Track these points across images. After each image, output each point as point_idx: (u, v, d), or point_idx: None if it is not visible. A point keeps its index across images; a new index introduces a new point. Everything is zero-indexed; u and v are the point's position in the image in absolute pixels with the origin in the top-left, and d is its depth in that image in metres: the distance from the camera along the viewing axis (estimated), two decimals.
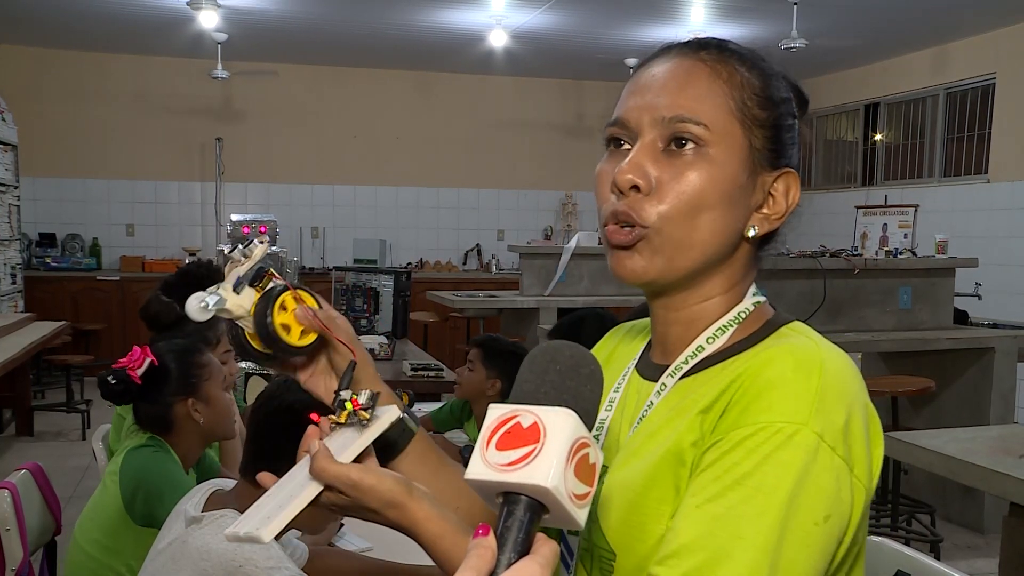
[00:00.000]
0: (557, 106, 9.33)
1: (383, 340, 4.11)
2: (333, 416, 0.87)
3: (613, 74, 8.02)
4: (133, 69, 8.33)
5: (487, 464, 0.62)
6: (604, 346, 1.07)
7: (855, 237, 6.21)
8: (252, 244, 0.89)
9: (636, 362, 0.97)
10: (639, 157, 0.84)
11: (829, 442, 0.74)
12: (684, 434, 0.81)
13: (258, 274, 0.88)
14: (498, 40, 6.97)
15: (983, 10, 6.35)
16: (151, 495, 1.91)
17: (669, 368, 0.89)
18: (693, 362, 0.88)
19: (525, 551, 0.59)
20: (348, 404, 0.86)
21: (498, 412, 0.65)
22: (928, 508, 4.26)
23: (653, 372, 0.92)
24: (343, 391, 0.88)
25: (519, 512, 0.61)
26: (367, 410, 0.87)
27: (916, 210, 5.90)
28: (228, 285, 0.87)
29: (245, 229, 6.55)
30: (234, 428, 2.15)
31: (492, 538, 0.59)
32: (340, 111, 8.82)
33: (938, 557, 3.43)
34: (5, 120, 6.99)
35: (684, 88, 0.85)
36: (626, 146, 0.87)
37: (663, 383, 0.89)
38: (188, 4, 6.24)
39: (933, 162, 7.58)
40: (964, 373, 4.55)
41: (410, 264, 8.88)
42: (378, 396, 0.89)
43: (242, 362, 2.57)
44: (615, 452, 0.90)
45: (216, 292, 0.86)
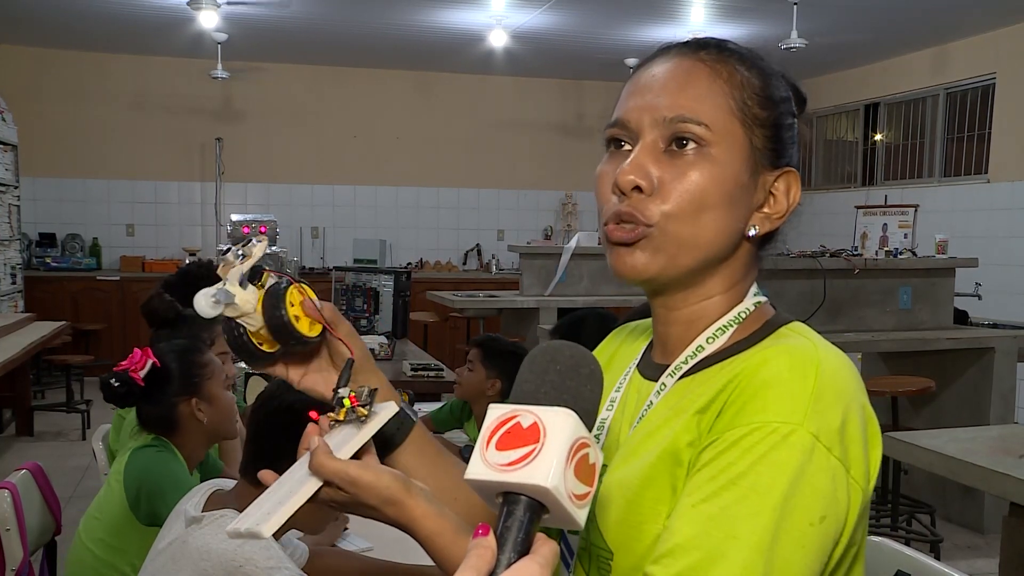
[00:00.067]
0: (557, 106, 9.33)
1: (383, 340, 4.11)
2: (332, 414, 0.87)
3: (613, 74, 8.02)
4: (133, 69, 8.33)
5: (487, 464, 0.62)
6: (607, 347, 1.07)
7: (855, 237, 6.21)
8: (251, 243, 0.88)
9: (638, 362, 0.97)
10: (640, 158, 0.84)
11: (825, 443, 0.74)
12: (681, 434, 0.81)
13: (256, 272, 0.88)
14: (498, 40, 6.97)
15: (983, 10, 6.35)
16: (155, 494, 1.91)
17: (669, 368, 0.89)
18: (693, 362, 0.88)
19: (525, 551, 0.59)
20: (346, 401, 0.87)
21: (498, 412, 0.65)
22: (928, 508, 4.26)
23: (654, 372, 0.92)
24: (341, 388, 0.88)
25: (519, 512, 0.61)
26: (365, 407, 0.87)
27: (916, 210, 5.90)
28: (234, 282, 0.86)
29: (245, 229, 6.55)
30: (236, 427, 2.15)
31: (492, 538, 0.59)
32: (340, 111, 8.82)
33: (938, 557, 3.43)
34: (5, 120, 6.99)
35: (684, 88, 0.85)
36: (627, 147, 0.86)
37: (663, 383, 0.89)
38: (188, 4, 6.23)
39: (933, 162, 7.58)
40: (964, 373, 4.55)
41: (410, 264, 8.88)
42: (376, 392, 0.89)
43: (238, 363, 2.57)
44: (615, 452, 0.90)
45: (224, 288, 0.85)
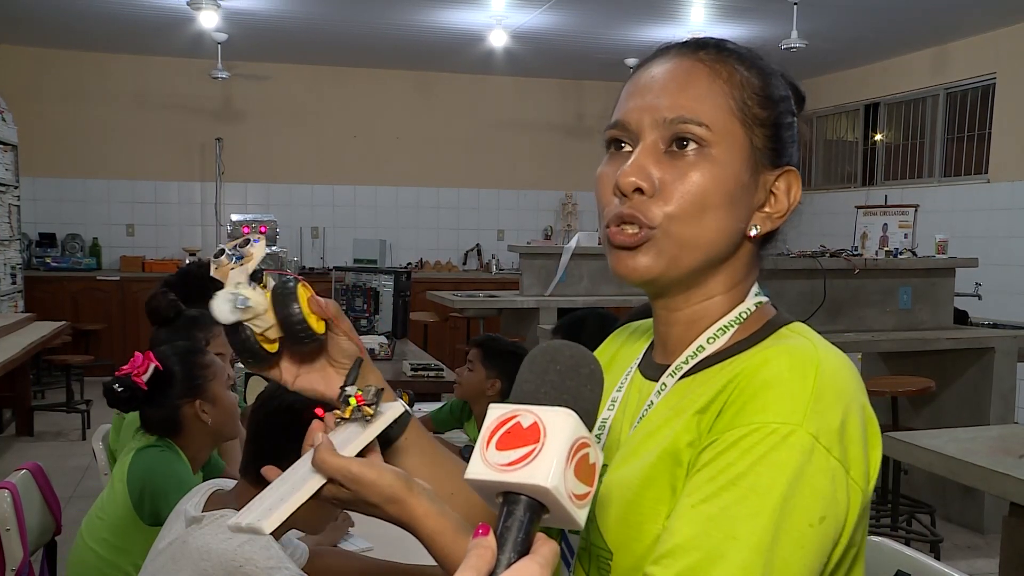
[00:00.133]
0: (557, 106, 9.32)
1: (383, 340, 4.11)
2: (338, 411, 0.87)
3: (613, 74, 8.02)
4: (133, 69, 8.33)
5: (487, 464, 0.62)
6: (608, 347, 1.07)
7: (855, 237, 6.21)
8: (249, 243, 0.87)
9: (639, 362, 0.97)
10: (641, 159, 0.84)
11: (824, 443, 0.74)
12: (681, 434, 0.81)
13: (255, 273, 0.87)
14: (498, 40, 6.97)
15: (983, 10, 6.35)
16: (158, 495, 1.91)
17: (670, 368, 0.89)
18: (693, 362, 0.88)
19: (525, 551, 0.59)
20: (352, 400, 0.86)
21: (498, 412, 0.65)
22: (928, 508, 4.26)
23: (654, 372, 0.92)
24: (348, 387, 0.88)
25: (519, 512, 0.61)
26: (371, 406, 0.87)
27: (916, 210, 5.90)
28: (245, 284, 0.85)
29: (245, 229, 6.55)
30: (239, 427, 2.15)
31: (492, 538, 0.59)
32: (340, 111, 8.82)
33: (938, 557, 3.43)
34: (5, 120, 6.99)
35: (684, 89, 0.84)
36: (627, 148, 0.86)
37: (663, 383, 0.89)
38: (188, 4, 6.24)
39: (933, 162, 7.58)
40: (964, 373, 4.55)
41: (410, 264, 8.88)
42: (382, 392, 0.89)
43: (236, 363, 2.57)
44: (616, 451, 0.90)
45: (237, 292, 0.84)
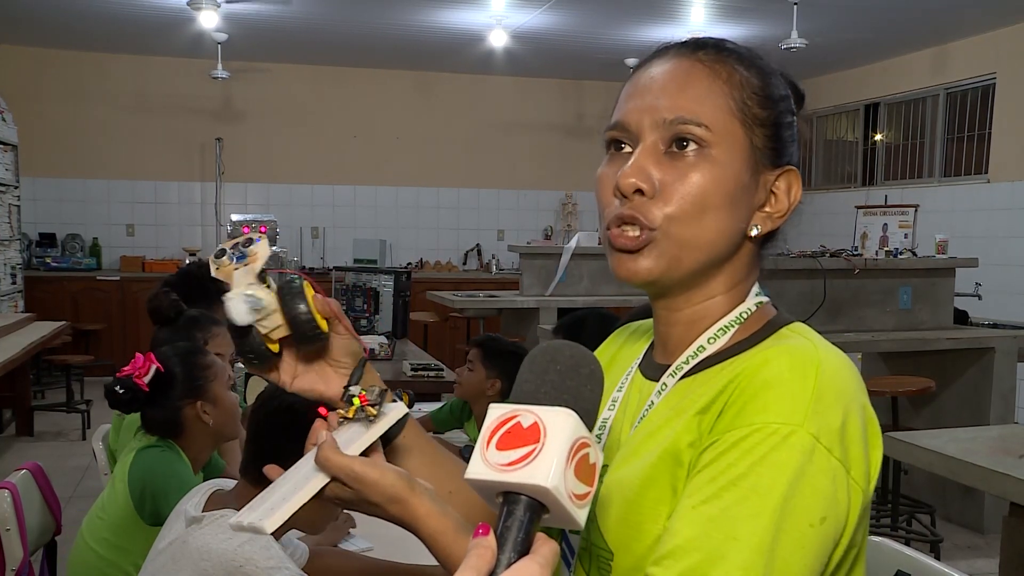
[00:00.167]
0: (557, 106, 9.32)
1: (383, 340, 4.11)
2: (341, 411, 0.87)
3: (613, 74, 8.02)
4: (133, 69, 8.33)
5: (487, 464, 0.62)
6: (608, 347, 1.07)
7: (855, 237, 6.21)
8: (253, 243, 0.86)
9: (639, 362, 0.97)
10: (641, 160, 0.84)
11: (825, 443, 0.74)
12: (681, 434, 0.81)
13: (259, 274, 0.87)
14: (498, 40, 6.97)
15: (983, 10, 6.35)
16: (159, 495, 1.91)
17: (670, 368, 0.89)
18: (694, 362, 0.88)
19: (525, 551, 0.59)
20: (356, 400, 0.86)
21: (498, 412, 0.65)
22: (928, 508, 4.26)
23: (655, 372, 0.91)
24: (352, 387, 0.88)
25: (519, 512, 0.61)
26: (375, 406, 0.87)
27: (916, 210, 5.90)
28: (256, 284, 0.84)
29: (245, 229, 6.56)
30: (239, 427, 2.14)
31: (492, 538, 0.59)
32: (340, 111, 8.81)
33: (938, 557, 3.43)
34: (5, 120, 6.99)
35: (684, 89, 0.84)
36: (627, 149, 0.86)
37: (664, 383, 0.89)
38: (188, 4, 6.24)
39: (933, 162, 7.58)
40: (964, 373, 4.55)
41: (410, 264, 8.88)
42: (386, 393, 0.89)
43: (236, 363, 2.57)
44: (616, 451, 0.90)
45: (251, 293, 0.84)
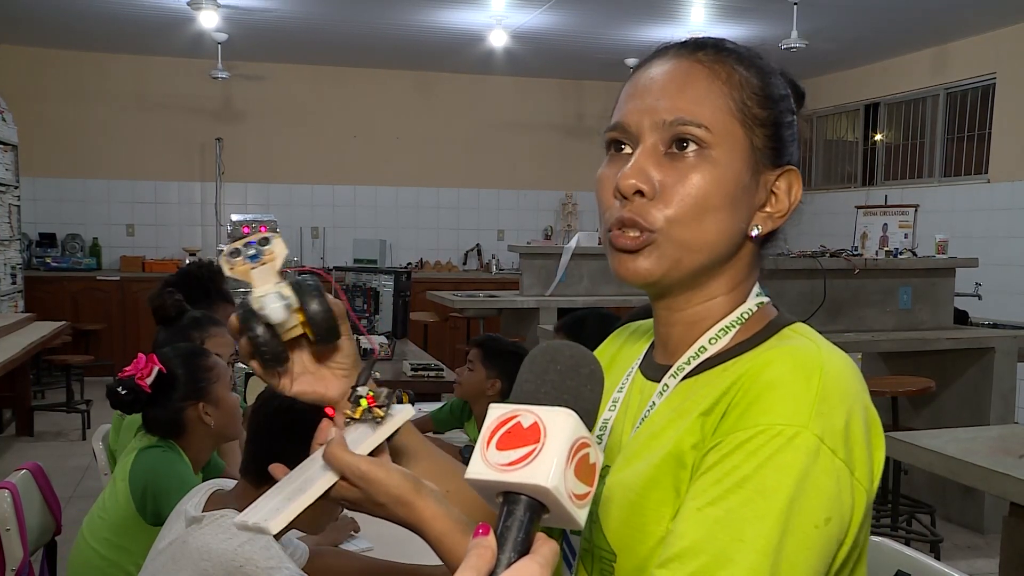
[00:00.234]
0: (557, 106, 9.32)
1: (383, 340, 4.11)
2: (348, 411, 0.87)
3: (613, 74, 8.02)
4: (133, 69, 8.33)
5: (487, 464, 0.62)
6: (608, 347, 1.07)
7: (855, 237, 6.22)
8: (269, 243, 0.85)
9: (640, 362, 0.96)
10: (641, 162, 0.83)
11: (829, 444, 0.74)
12: (685, 436, 0.81)
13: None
14: (498, 40, 6.97)
15: (983, 10, 6.35)
16: (160, 495, 1.91)
17: (671, 369, 0.89)
18: (695, 363, 0.87)
19: (525, 551, 0.60)
20: (363, 401, 0.86)
21: (498, 412, 0.65)
22: (928, 508, 4.25)
23: (656, 372, 0.91)
24: (360, 387, 0.88)
25: (519, 512, 0.61)
26: (382, 408, 0.87)
27: (916, 210, 5.91)
28: (282, 282, 0.84)
29: (245, 229, 6.50)
30: (240, 428, 2.14)
31: (492, 538, 0.59)
32: (340, 111, 8.81)
33: (938, 557, 3.43)
34: (5, 120, 6.99)
35: (683, 90, 0.84)
36: (627, 150, 0.86)
37: (665, 384, 0.89)
38: (188, 4, 6.24)
39: (933, 162, 7.57)
40: (964, 373, 4.55)
41: (410, 264, 8.88)
42: (394, 395, 0.89)
43: (236, 363, 2.57)
44: (618, 452, 0.90)
45: (278, 292, 0.83)
